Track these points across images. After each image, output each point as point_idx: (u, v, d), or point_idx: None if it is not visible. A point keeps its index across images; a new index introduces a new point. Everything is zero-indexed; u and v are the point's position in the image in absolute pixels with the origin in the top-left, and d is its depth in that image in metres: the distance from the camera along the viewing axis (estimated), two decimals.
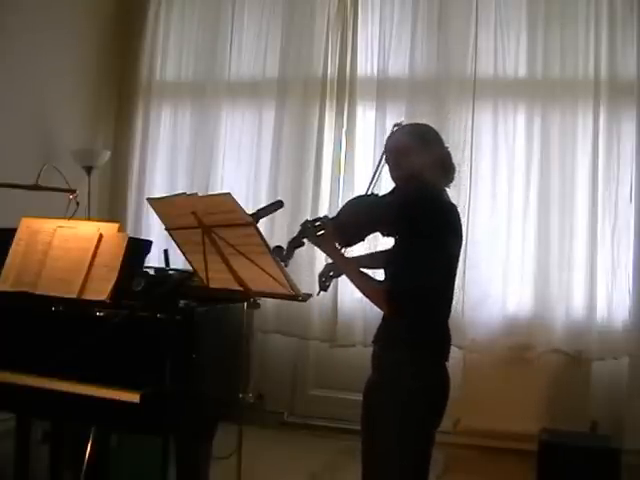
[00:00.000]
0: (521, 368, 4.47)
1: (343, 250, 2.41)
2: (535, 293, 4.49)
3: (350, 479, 3.91)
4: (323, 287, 2.50)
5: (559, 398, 4.43)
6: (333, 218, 2.43)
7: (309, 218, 2.48)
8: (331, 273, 2.50)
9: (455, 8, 4.69)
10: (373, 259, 2.58)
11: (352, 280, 2.35)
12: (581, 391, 4.40)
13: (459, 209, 2.39)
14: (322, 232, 2.38)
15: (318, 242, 2.39)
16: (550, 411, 4.38)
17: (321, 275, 2.51)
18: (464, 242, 2.45)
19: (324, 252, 2.42)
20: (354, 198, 2.51)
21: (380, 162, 2.46)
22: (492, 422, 4.40)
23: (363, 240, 2.44)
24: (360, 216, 2.37)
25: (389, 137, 2.47)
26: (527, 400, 4.42)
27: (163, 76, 5.27)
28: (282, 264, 2.35)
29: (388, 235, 2.36)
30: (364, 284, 2.32)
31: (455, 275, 2.34)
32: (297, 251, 2.41)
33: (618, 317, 4.36)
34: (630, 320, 4.32)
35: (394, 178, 2.42)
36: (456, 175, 2.46)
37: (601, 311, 4.38)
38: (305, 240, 2.41)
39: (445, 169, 2.40)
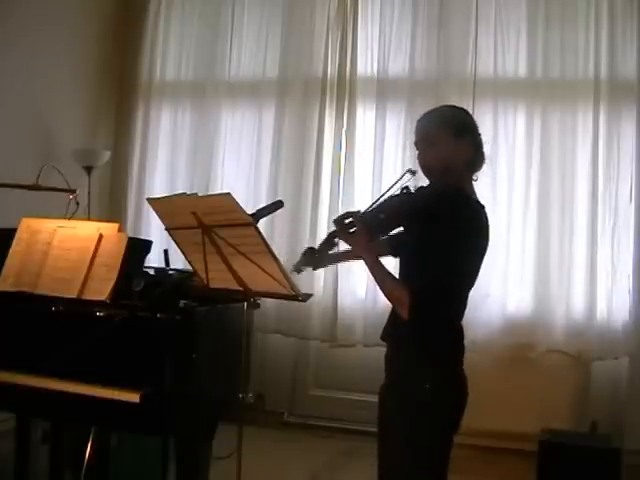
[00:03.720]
0: (521, 368, 4.47)
1: None
2: (535, 293, 4.49)
3: (350, 479, 3.94)
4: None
5: (559, 398, 4.43)
6: (364, 213, 2.24)
7: (336, 215, 2.31)
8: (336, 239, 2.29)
9: (455, 8, 4.69)
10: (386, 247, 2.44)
11: (375, 277, 2.18)
12: (581, 391, 4.41)
13: None
14: (354, 229, 2.22)
15: (351, 240, 2.21)
16: (550, 411, 4.37)
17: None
18: None
19: (355, 249, 2.23)
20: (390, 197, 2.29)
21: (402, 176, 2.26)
22: (492, 422, 4.39)
23: (387, 235, 2.33)
24: (390, 213, 2.21)
25: (419, 120, 2.30)
26: (527, 400, 4.41)
27: (163, 76, 5.27)
28: (308, 267, 2.33)
29: (410, 230, 2.24)
30: (388, 283, 2.15)
31: (476, 277, 2.24)
32: (297, 250, 2.39)
33: (618, 317, 4.36)
34: (630, 320, 4.31)
35: (421, 167, 2.26)
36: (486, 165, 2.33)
37: (601, 311, 4.38)
38: (337, 240, 2.28)
39: (475, 161, 2.27)
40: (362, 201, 4.73)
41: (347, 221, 2.24)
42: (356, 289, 4.69)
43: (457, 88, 4.64)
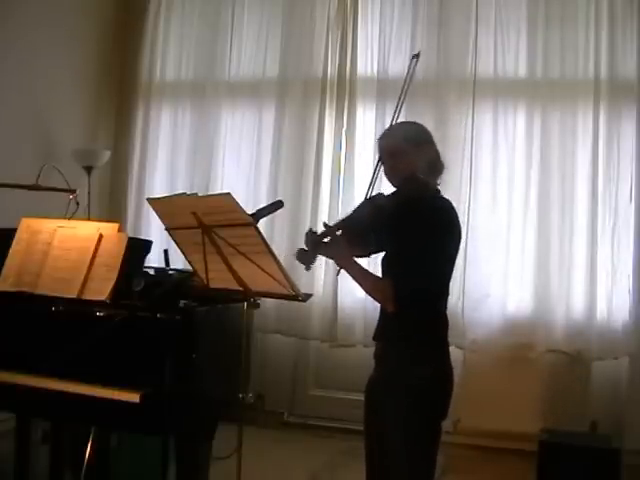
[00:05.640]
0: (521, 368, 4.47)
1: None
2: (535, 293, 4.49)
3: (350, 479, 3.94)
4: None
5: (559, 398, 4.42)
6: (339, 222, 2.41)
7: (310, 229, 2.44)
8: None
9: (455, 8, 4.69)
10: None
11: (355, 278, 2.36)
12: (581, 391, 4.40)
13: (459, 209, 2.42)
14: (328, 239, 2.37)
15: (329, 253, 2.40)
16: (550, 411, 4.38)
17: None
18: (464, 242, 2.46)
19: (332, 257, 2.42)
20: (362, 202, 2.46)
21: (377, 166, 2.47)
22: (492, 422, 4.40)
23: (365, 237, 2.44)
24: (367, 219, 2.36)
25: (382, 138, 2.47)
26: (527, 400, 4.41)
27: (163, 76, 5.27)
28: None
29: (388, 235, 2.36)
30: (369, 282, 2.33)
31: (452, 269, 2.38)
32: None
33: (618, 317, 4.35)
34: (630, 320, 4.31)
35: (391, 180, 2.43)
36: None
37: (601, 311, 4.38)
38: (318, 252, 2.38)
39: (437, 167, 2.43)
40: None
41: (319, 233, 2.38)
42: (356, 289, 4.66)
43: (457, 88, 4.65)
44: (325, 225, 2.41)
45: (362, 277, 2.34)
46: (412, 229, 2.25)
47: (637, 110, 4.40)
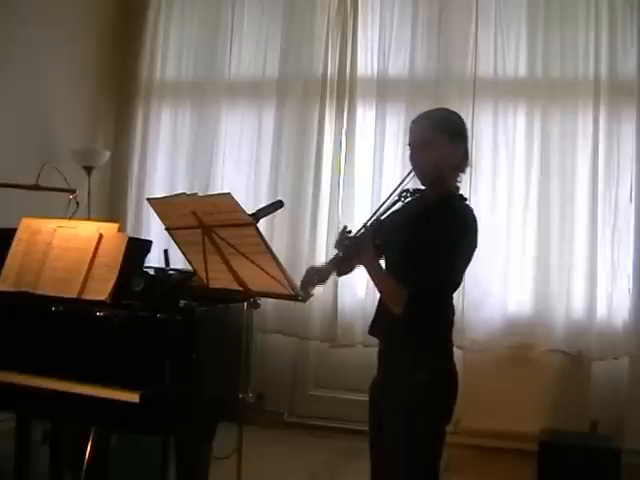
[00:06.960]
0: (521, 368, 4.47)
1: None
2: (535, 293, 4.49)
3: (350, 479, 3.94)
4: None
5: (559, 398, 4.43)
6: (368, 226, 2.24)
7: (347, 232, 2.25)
8: (315, 278, 2.29)
9: (455, 8, 4.69)
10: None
11: (376, 280, 2.24)
12: (581, 391, 4.40)
13: None
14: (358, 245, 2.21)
15: (360, 259, 2.22)
16: (550, 411, 4.38)
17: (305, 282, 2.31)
18: None
19: (362, 263, 2.23)
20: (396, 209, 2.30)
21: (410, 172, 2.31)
22: (492, 422, 4.40)
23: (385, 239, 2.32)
24: (391, 220, 2.27)
25: (415, 121, 2.36)
26: (527, 400, 4.42)
27: (163, 76, 5.27)
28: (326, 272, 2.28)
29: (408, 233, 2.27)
30: (388, 284, 2.22)
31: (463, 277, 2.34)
32: (297, 250, 2.40)
33: (618, 317, 4.36)
34: (630, 320, 4.31)
35: (415, 168, 2.32)
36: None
37: (601, 311, 4.38)
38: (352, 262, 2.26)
39: (464, 165, 2.36)
40: (362, 201, 4.74)
41: (357, 235, 2.22)
42: (356, 289, 4.69)
43: (457, 88, 4.64)
44: (364, 227, 2.23)
45: (382, 278, 2.22)
46: (433, 233, 2.18)
47: (637, 110, 4.40)
